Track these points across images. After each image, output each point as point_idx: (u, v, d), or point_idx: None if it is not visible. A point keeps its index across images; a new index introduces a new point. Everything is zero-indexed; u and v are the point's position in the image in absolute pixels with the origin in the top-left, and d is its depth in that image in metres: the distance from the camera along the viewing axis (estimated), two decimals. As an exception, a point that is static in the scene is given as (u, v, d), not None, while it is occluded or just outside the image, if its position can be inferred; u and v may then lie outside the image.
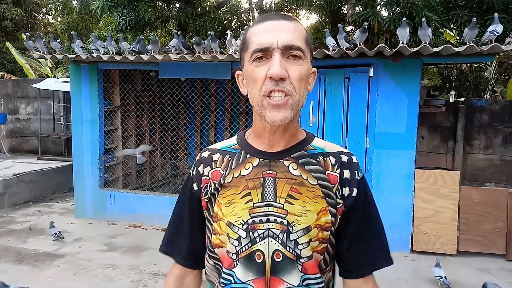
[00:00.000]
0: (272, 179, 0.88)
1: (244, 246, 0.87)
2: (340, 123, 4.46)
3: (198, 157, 1.00)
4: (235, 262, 0.88)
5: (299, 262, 0.86)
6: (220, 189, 0.91)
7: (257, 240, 0.86)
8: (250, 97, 0.88)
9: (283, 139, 0.90)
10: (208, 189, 0.94)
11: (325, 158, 0.92)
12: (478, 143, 6.07)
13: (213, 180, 0.94)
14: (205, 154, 0.99)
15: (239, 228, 0.87)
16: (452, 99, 4.62)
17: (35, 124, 8.49)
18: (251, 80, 0.85)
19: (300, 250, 0.86)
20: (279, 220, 0.86)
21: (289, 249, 0.85)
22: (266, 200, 0.87)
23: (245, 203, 0.88)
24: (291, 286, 0.86)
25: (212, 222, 0.92)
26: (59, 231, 4.51)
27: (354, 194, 0.90)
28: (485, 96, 9.12)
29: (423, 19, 3.98)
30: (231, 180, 0.91)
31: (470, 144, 6.08)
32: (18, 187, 6.05)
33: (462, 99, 7.08)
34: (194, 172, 0.98)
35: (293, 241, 0.85)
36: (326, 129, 4.52)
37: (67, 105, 7.70)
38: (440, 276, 3.53)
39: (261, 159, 0.90)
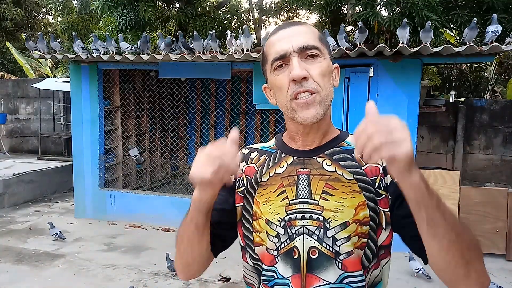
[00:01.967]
0: (306, 176, 0.90)
1: (284, 242, 0.88)
2: (340, 123, 4.46)
3: (238, 153, 0.99)
4: (276, 258, 0.89)
5: (339, 259, 0.85)
6: (257, 187, 0.94)
7: (294, 237, 0.87)
8: (280, 105, 0.90)
9: (316, 138, 0.92)
10: (240, 182, 0.97)
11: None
12: (478, 143, 6.07)
13: (246, 175, 0.97)
14: (245, 151, 1.03)
15: (277, 225, 0.88)
16: (452, 99, 4.63)
17: (35, 124, 8.49)
18: (277, 88, 0.88)
19: (339, 246, 0.85)
20: (315, 216, 0.86)
21: (326, 246, 0.85)
22: (300, 197, 0.88)
23: (281, 201, 0.89)
24: (327, 283, 0.85)
25: (251, 221, 0.94)
26: (59, 231, 4.51)
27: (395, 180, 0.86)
28: (485, 96, 9.12)
29: (428, 22, 3.97)
30: (268, 179, 0.93)
31: (470, 144, 6.08)
32: (18, 187, 6.05)
33: (462, 99, 7.08)
34: None
35: (331, 238, 0.85)
36: (326, 129, 4.51)
37: (67, 105, 7.69)
38: (418, 268, 3.65)
39: (295, 157, 0.93)
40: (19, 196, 6.07)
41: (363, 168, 0.89)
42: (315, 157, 0.91)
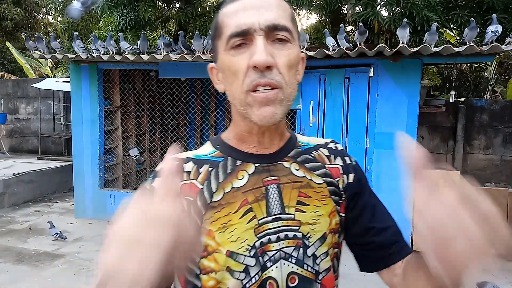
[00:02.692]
0: (276, 186, 0.72)
1: (254, 276, 0.68)
2: (340, 123, 4.46)
3: (159, 167, 0.70)
4: None
5: (318, 280, 0.71)
6: (205, 211, 0.69)
7: (268, 265, 0.69)
8: (229, 95, 0.70)
9: (274, 139, 0.75)
10: None
11: (317, 152, 0.80)
12: (478, 143, 6.07)
13: (185, 195, 0.70)
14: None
15: (245, 256, 0.68)
16: (452, 99, 4.62)
17: (35, 124, 8.49)
18: (230, 73, 0.68)
19: (319, 264, 0.71)
20: (291, 234, 0.70)
21: (307, 267, 0.70)
22: (272, 213, 0.71)
23: (247, 223, 0.69)
24: None
25: (199, 259, 0.69)
26: (60, 231, 4.51)
27: (351, 180, 0.79)
28: (485, 96, 9.12)
29: (435, 24, 3.96)
30: (222, 197, 0.70)
31: (470, 144, 6.08)
32: (18, 187, 6.05)
33: (462, 99, 7.08)
34: (154, 185, 0.69)
35: (311, 257, 0.71)
36: (326, 129, 4.52)
37: (67, 105, 7.69)
38: None
39: (257, 164, 0.73)
40: (19, 196, 6.07)
41: (326, 168, 0.78)
42: (280, 162, 0.75)
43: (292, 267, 0.70)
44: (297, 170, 0.75)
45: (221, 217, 0.69)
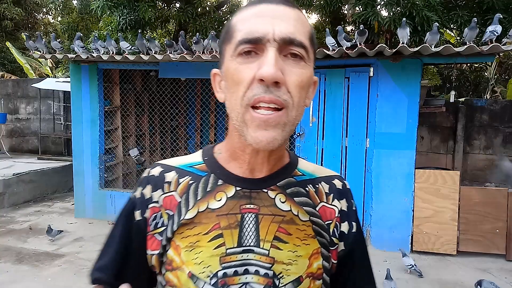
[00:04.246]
0: (253, 216, 0.66)
1: None
2: (340, 123, 4.46)
3: (145, 174, 0.74)
4: None
5: None
6: (177, 227, 0.67)
7: None
8: (228, 106, 0.65)
9: (267, 162, 0.68)
10: (158, 221, 0.69)
11: (316, 186, 0.73)
12: (478, 143, 6.07)
13: (166, 208, 0.69)
14: (155, 171, 0.73)
15: (205, 282, 0.64)
16: (452, 99, 4.62)
17: (35, 124, 8.49)
18: (232, 82, 0.62)
19: None
20: (262, 271, 0.64)
21: None
22: (244, 244, 0.65)
23: (214, 248, 0.65)
24: None
25: (164, 271, 0.68)
26: (58, 230, 4.52)
27: (354, 230, 0.74)
28: (485, 96, 9.12)
29: (436, 24, 3.96)
30: (196, 215, 0.67)
31: (470, 144, 6.08)
32: (18, 187, 6.05)
33: (462, 99, 7.08)
34: (137, 195, 0.72)
35: (289, 285, 0.65)
36: (326, 129, 4.52)
37: (67, 105, 7.69)
38: (411, 264, 3.73)
39: (238, 188, 0.68)
40: (19, 196, 6.07)
41: (317, 208, 0.71)
42: (265, 190, 0.68)
43: None
44: (283, 202, 0.68)
45: (190, 235, 0.66)
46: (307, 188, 0.72)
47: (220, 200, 0.67)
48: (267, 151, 0.66)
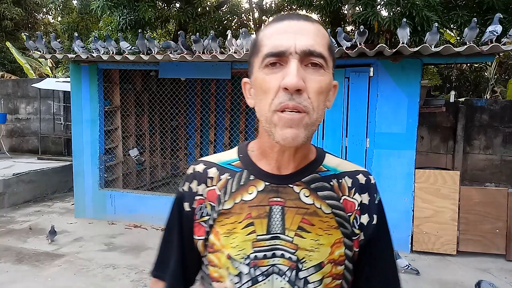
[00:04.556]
0: (280, 208, 0.76)
1: (245, 284, 0.75)
2: (340, 123, 4.46)
3: (190, 171, 0.86)
4: None
5: None
6: (217, 216, 0.79)
7: (260, 279, 0.75)
8: (258, 111, 0.75)
9: (293, 160, 0.78)
10: (203, 211, 0.81)
11: (340, 180, 0.81)
12: (478, 143, 6.07)
13: (209, 200, 0.81)
14: (200, 167, 0.85)
15: (240, 263, 0.76)
16: (452, 99, 4.63)
17: (35, 124, 8.49)
18: (261, 91, 0.72)
19: None
20: (287, 255, 0.75)
21: None
22: (272, 232, 0.76)
23: (247, 235, 0.76)
24: None
25: (207, 253, 0.81)
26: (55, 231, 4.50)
27: (374, 222, 0.80)
28: (485, 96, 9.12)
29: (435, 24, 3.96)
30: (232, 207, 0.78)
31: (470, 144, 6.08)
32: (18, 187, 6.05)
33: (462, 99, 7.08)
34: (185, 189, 0.84)
35: (302, 280, 0.74)
36: (326, 129, 4.52)
37: (67, 105, 7.69)
38: (406, 265, 3.79)
39: (267, 183, 0.78)
40: (19, 196, 6.07)
41: (340, 200, 0.79)
42: (291, 185, 0.78)
43: (285, 284, 0.75)
44: (307, 196, 0.77)
45: (228, 223, 0.78)
46: (331, 183, 0.80)
47: (252, 193, 0.78)
48: (292, 149, 0.76)
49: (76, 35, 5.25)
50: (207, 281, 0.83)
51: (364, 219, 0.80)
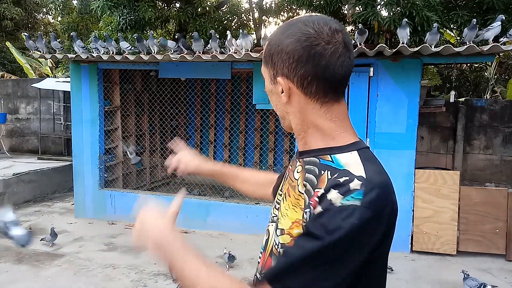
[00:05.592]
0: (287, 173, 0.97)
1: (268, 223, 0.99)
2: (340, 123, 4.45)
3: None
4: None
5: (276, 247, 0.87)
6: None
7: (268, 221, 0.96)
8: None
9: (299, 143, 0.93)
10: None
11: (328, 173, 0.79)
12: (478, 143, 6.07)
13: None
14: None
15: (272, 208, 0.99)
16: (452, 99, 4.63)
17: (35, 124, 8.49)
18: None
19: (279, 239, 0.86)
20: (276, 211, 0.93)
21: (276, 238, 0.91)
22: (281, 189, 0.97)
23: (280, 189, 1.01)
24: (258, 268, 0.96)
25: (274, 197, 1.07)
26: (54, 230, 4.44)
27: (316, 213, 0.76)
28: (485, 96, 9.12)
29: (435, 25, 3.96)
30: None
31: (470, 144, 6.08)
32: (18, 187, 6.05)
33: (462, 99, 7.08)
34: None
35: (276, 234, 0.89)
36: (326, 129, 4.51)
37: (67, 105, 7.69)
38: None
39: (294, 155, 1.00)
40: (19, 196, 6.07)
41: (315, 189, 0.78)
42: (297, 160, 0.92)
43: (272, 232, 0.90)
44: (298, 172, 0.89)
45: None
46: (322, 171, 0.81)
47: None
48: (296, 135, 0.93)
49: (75, 34, 5.25)
50: None
51: (317, 211, 0.75)
